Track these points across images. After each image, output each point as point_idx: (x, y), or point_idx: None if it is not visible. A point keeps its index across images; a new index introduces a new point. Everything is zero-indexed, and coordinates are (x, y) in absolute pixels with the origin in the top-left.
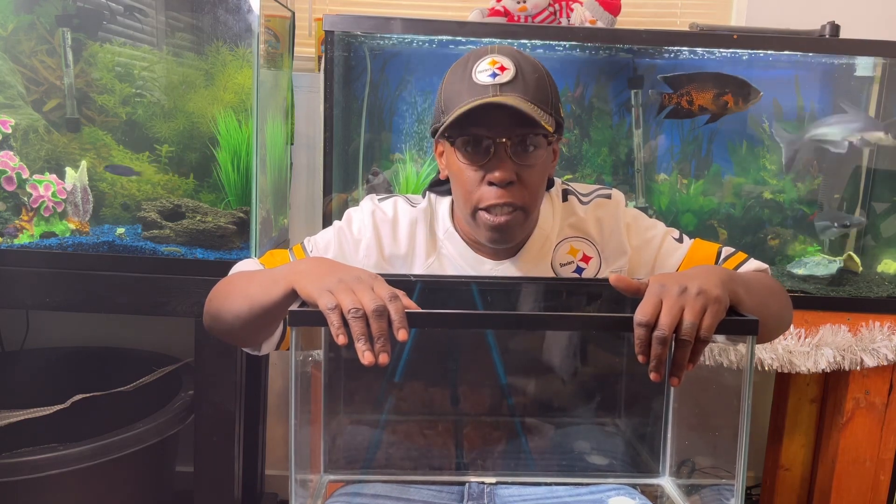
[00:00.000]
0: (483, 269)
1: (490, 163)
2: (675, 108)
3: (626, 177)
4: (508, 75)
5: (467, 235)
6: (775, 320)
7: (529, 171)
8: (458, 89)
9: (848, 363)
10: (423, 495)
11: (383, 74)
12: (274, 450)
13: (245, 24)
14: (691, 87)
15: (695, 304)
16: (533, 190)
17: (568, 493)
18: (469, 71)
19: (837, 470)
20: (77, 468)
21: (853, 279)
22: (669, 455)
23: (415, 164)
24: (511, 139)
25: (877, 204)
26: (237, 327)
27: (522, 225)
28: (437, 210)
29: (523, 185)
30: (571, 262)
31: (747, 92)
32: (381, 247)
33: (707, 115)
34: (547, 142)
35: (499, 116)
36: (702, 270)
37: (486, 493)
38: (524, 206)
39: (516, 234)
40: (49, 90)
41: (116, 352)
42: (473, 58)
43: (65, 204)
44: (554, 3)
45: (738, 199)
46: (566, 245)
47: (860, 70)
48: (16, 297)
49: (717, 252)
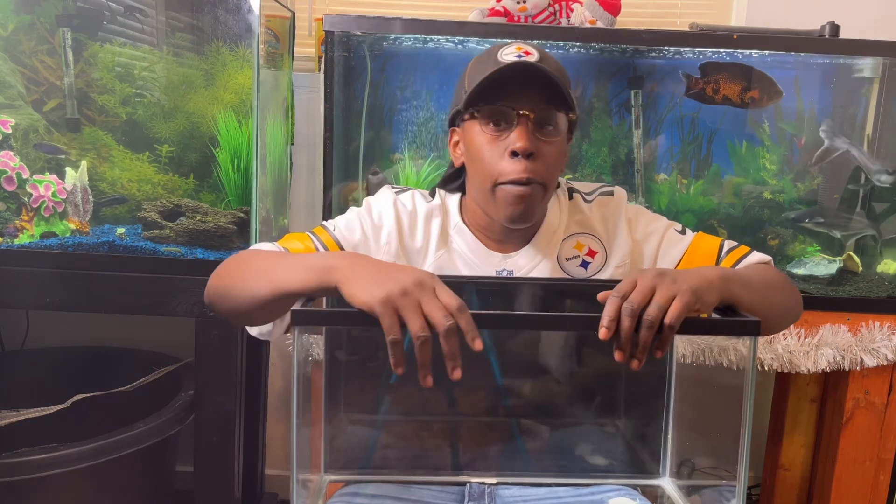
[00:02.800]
0: (492, 262)
1: (513, 134)
2: (699, 92)
3: (626, 177)
4: (534, 58)
5: (477, 228)
6: (780, 313)
7: (549, 148)
8: (484, 68)
9: (848, 363)
10: (423, 496)
11: (383, 74)
12: (274, 450)
13: (245, 24)
14: (721, 76)
15: (666, 290)
16: (551, 167)
17: (568, 494)
18: (494, 55)
19: (837, 470)
20: (77, 468)
21: (853, 279)
22: (670, 456)
23: (414, 163)
24: (535, 112)
25: (877, 204)
26: (252, 308)
27: (540, 202)
28: (448, 206)
29: (543, 161)
30: (577, 257)
31: (772, 90)
32: (402, 237)
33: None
34: (567, 123)
35: (525, 90)
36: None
37: (486, 493)
38: (543, 182)
39: (534, 209)
40: (49, 90)
41: (116, 352)
42: (496, 47)
43: (65, 204)
44: (554, 3)
45: (738, 199)
46: (572, 240)
47: (860, 70)
48: (16, 297)
49: (719, 245)
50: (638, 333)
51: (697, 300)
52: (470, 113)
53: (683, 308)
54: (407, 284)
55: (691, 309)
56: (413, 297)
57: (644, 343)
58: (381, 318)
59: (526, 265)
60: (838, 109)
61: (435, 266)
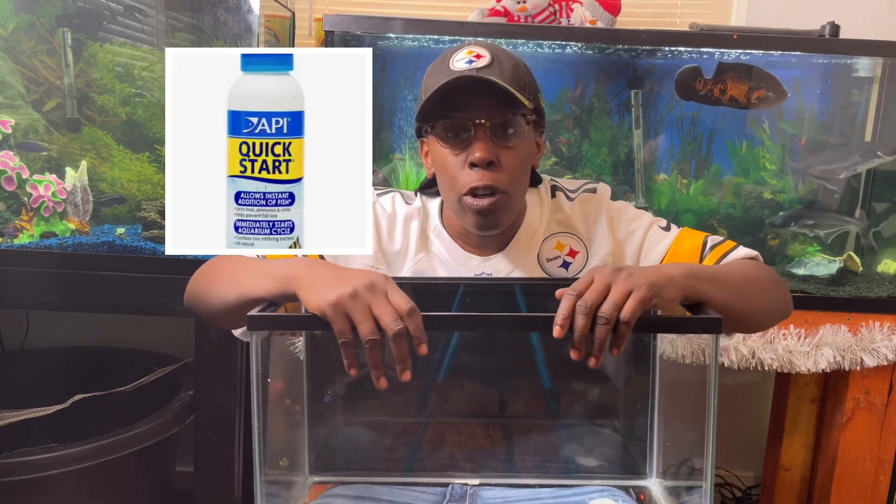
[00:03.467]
0: (471, 266)
1: (471, 145)
2: (706, 94)
3: (626, 177)
4: (484, 62)
5: (455, 232)
6: (761, 309)
7: (510, 154)
8: (436, 79)
9: (848, 363)
10: (406, 497)
11: (383, 74)
12: None
13: (245, 24)
14: (729, 76)
15: (622, 285)
16: (514, 173)
17: (551, 496)
18: (446, 62)
19: (837, 470)
20: (77, 468)
21: (853, 279)
22: (656, 456)
23: (414, 163)
24: (490, 120)
25: (877, 204)
26: (222, 312)
27: (507, 209)
28: (428, 209)
29: (504, 168)
30: (558, 257)
31: (778, 91)
32: (381, 240)
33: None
34: (527, 122)
35: (477, 99)
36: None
37: (468, 494)
38: (506, 190)
39: (501, 218)
40: (49, 90)
41: (116, 352)
42: (450, 52)
43: (65, 204)
44: (554, 3)
45: (738, 199)
46: (553, 240)
47: (860, 70)
48: (16, 297)
49: (702, 242)
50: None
51: (655, 295)
52: (427, 128)
53: (639, 303)
54: (358, 287)
55: (647, 304)
56: (363, 301)
57: (600, 341)
58: (332, 322)
59: (504, 268)
60: (838, 109)
61: (414, 269)
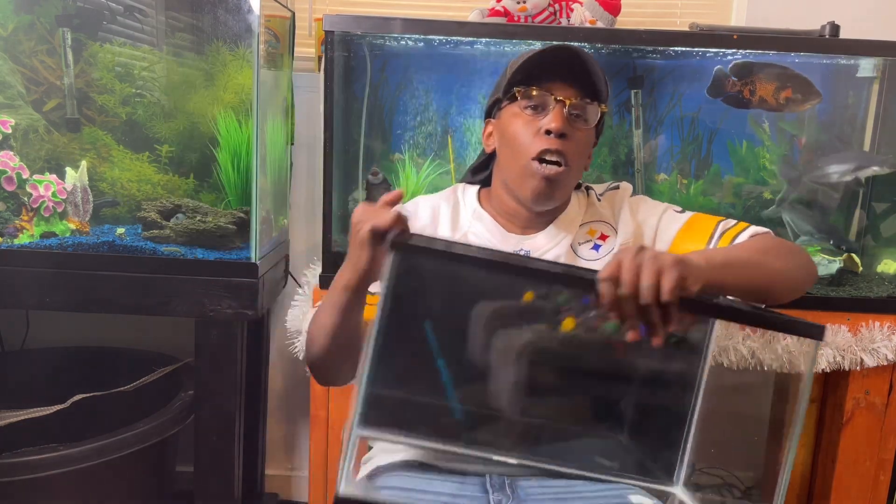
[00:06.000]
0: (510, 243)
1: (548, 116)
2: (735, 95)
3: (627, 177)
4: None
5: (500, 211)
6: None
7: (579, 134)
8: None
9: (848, 363)
10: (447, 488)
11: (383, 75)
12: (274, 450)
13: (245, 25)
14: (757, 76)
15: (651, 265)
16: (579, 152)
17: (588, 489)
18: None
19: (837, 470)
20: (77, 468)
21: (853, 279)
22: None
23: (415, 164)
24: (570, 100)
25: (877, 204)
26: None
27: (565, 185)
28: (463, 196)
29: (574, 143)
30: (590, 241)
31: (808, 92)
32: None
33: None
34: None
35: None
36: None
37: (507, 484)
38: (570, 163)
39: (557, 193)
40: (49, 90)
41: (116, 352)
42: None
43: (65, 204)
44: (554, 3)
45: (738, 199)
46: (587, 227)
47: (860, 70)
48: (16, 297)
49: (715, 225)
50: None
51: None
52: (509, 97)
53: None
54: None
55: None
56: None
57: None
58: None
59: (544, 245)
60: (838, 109)
61: None
